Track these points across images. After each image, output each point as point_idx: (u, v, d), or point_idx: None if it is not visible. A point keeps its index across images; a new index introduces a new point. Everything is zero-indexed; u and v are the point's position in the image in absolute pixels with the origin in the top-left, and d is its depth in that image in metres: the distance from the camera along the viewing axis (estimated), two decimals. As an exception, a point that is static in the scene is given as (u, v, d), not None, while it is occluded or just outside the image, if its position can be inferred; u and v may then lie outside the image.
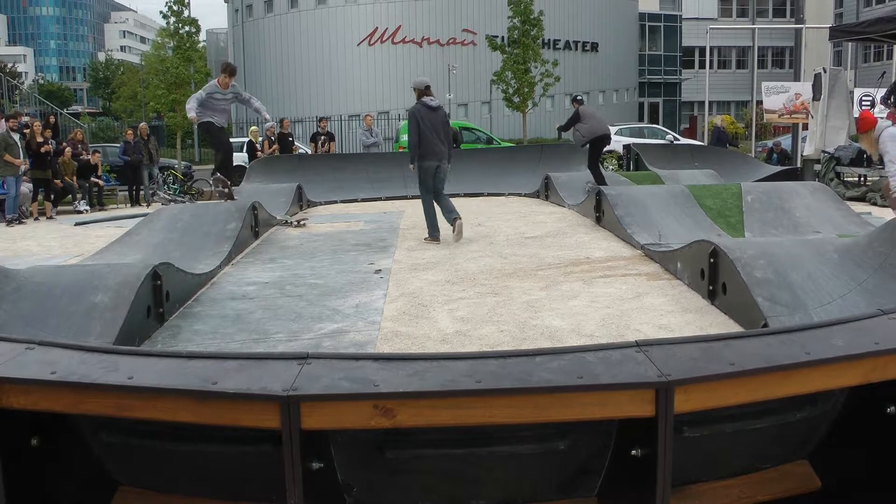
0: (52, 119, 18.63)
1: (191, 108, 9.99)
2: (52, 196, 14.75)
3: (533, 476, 2.54)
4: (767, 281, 5.13)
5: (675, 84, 49.03)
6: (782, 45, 49.61)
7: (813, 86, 16.42)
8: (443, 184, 8.87)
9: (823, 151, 15.47)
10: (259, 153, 17.17)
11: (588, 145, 12.61)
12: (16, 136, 13.56)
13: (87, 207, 15.80)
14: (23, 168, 13.56)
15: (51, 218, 14.21)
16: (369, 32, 38.38)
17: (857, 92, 19.31)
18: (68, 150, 16.16)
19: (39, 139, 14.29)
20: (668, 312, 5.52)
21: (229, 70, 10.32)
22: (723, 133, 22.16)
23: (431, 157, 8.68)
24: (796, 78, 21.70)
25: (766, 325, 4.62)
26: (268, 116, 11.36)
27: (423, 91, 8.76)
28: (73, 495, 2.54)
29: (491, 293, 6.12)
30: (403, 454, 2.43)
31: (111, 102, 63.80)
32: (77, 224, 12.88)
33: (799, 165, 17.02)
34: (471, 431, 2.39)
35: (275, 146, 17.25)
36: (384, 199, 13.84)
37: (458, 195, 13.90)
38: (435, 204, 8.80)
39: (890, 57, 37.25)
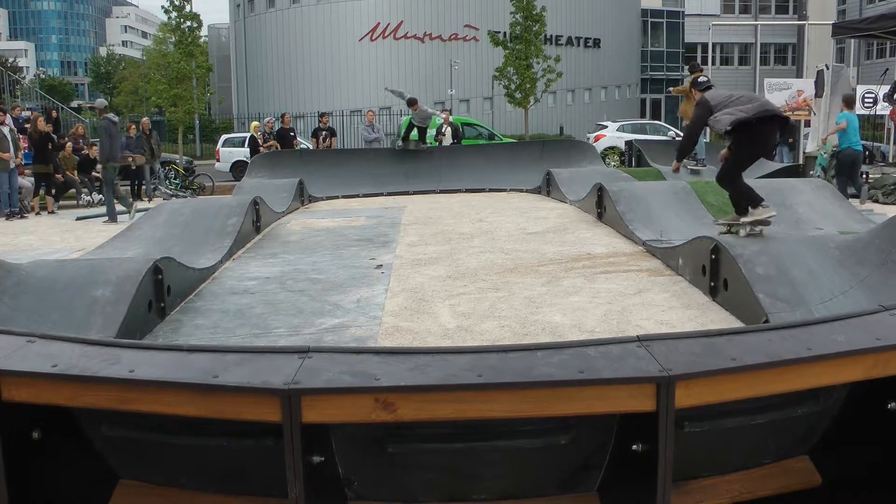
0: (53, 114, 18.61)
1: None
2: (54, 190, 14.75)
3: (534, 471, 2.54)
4: (769, 277, 5.12)
5: (678, 80, 48.80)
6: (785, 42, 49.49)
7: (815, 82, 16.39)
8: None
9: (825, 148, 15.45)
10: (262, 148, 17.16)
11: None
12: (4, 130, 13.48)
13: (101, 196, 15.97)
14: (13, 162, 13.48)
15: (52, 212, 14.20)
16: (371, 28, 38.31)
17: (860, 89, 19.26)
18: (69, 144, 16.15)
19: (42, 129, 14.26)
20: (670, 308, 5.51)
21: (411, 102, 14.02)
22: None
23: (118, 159, 12.30)
24: (799, 75, 21.68)
25: (767, 322, 4.61)
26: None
27: (104, 111, 12.83)
28: (74, 489, 2.54)
29: (492, 288, 6.12)
30: (404, 448, 2.43)
31: (112, 97, 63.74)
32: (78, 219, 12.87)
33: (801, 162, 16.99)
34: (472, 426, 2.39)
35: (270, 141, 17.22)
36: (385, 195, 13.82)
37: (459, 191, 13.96)
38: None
39: (893, 54, 37.16)
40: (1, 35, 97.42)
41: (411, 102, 14.17)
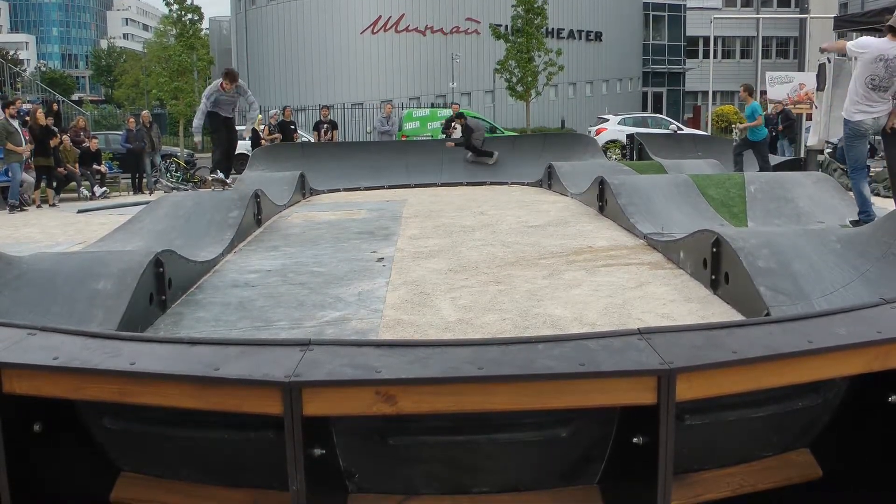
0: (55, 107, 18.60)
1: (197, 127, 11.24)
2: (55, 184, 14.76)
3: (534, 463, 2.54)
4: (770, 270, 5.12)
5: (679, 74, 48.89)
6: (787, 35, 49.36)
7: (817, 76, 16.29)
8: None
9: (827, 142, 15.41)
10: (263, 141, 17.15)
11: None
12: (15, 123, 13.52)
13: (106, 188, 16.11)
14: (25, 155, 13.55)
15: (53, 205, 14.22)
16: (372, 21, 38.25)
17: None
18: (66, 138, 16.15)
19: (42, 122, 14.27)
20: (671, 302, 5.51)
21: (230, 76, 11.21)
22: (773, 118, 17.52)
23: None
24: (800, 68, 21.65)
25: (768, 315, 4.61)
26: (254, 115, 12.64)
27: None
28: (75, 481, 2.55)
29: (493, 282, 6.12)
30: (405, 441, 2.44)
31: (113, 90, 63.75)
32: (80, 211, 12.88)
33: (802, 156, 16.94)
34: (472, 418, 2.38)
35: (275, 134, 17.22)
36: (387, 188, 13.83)
37: (460, 184, 13.96)
38: None
39: (895, 47, 36.98)
40: (2, 27, 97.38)
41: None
